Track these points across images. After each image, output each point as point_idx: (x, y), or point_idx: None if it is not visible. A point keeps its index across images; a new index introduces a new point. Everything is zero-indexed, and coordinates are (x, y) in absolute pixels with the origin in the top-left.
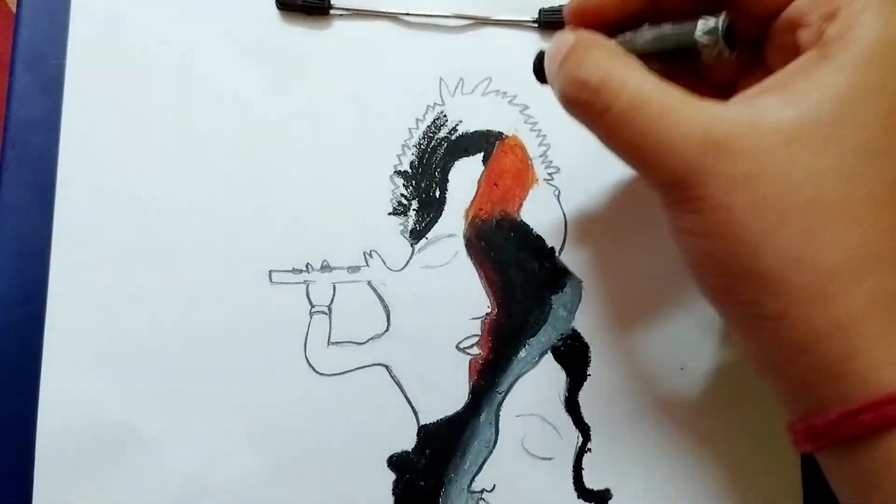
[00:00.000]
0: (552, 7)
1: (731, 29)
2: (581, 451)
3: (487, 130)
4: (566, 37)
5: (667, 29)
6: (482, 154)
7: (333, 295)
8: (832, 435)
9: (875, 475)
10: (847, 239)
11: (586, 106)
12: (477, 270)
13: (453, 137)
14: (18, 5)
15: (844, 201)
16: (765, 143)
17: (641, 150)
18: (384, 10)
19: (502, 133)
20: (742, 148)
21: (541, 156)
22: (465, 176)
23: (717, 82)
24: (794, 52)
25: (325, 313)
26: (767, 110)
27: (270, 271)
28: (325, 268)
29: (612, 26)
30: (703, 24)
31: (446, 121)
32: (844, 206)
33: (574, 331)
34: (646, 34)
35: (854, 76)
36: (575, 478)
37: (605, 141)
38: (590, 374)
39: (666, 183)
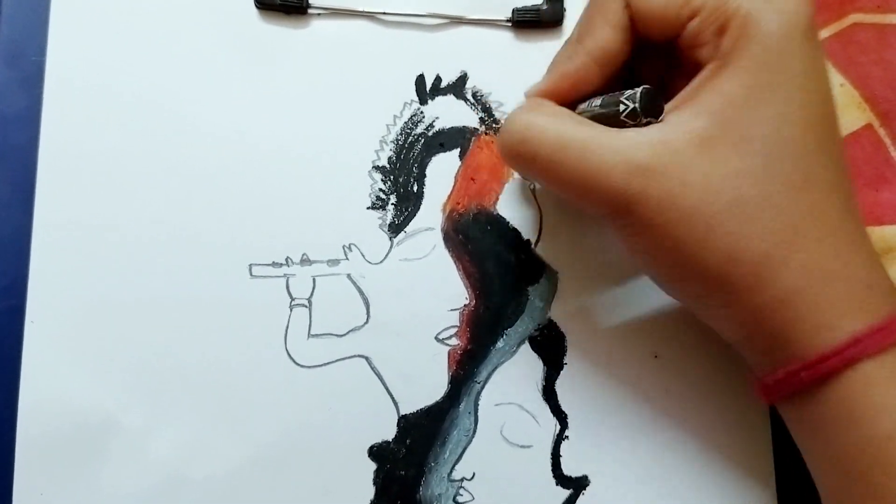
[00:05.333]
0: (525, 7)
1: (652, 98)
2: (559, 439)
3: (463, 126)
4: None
5: (599, 104)
6: (459, 149)
7: (313, 288)
8: (782, 391)
9: (817, 423)
10: (771, 227)
11: (517, 156)
12: (455, 263)
13: (430, 133)
14: None
15: (763, 194)
16: (681, 158)
17: (574, 187)
18: (361, 9)
19: (478, 129)
20: (663, 165)
21: None
22: (443, 171)
23: None
24: (700, 67)
25: (305, 306)
26: (680, 125)
27: (250, 265)
28: (305, 261)
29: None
30: (622, 107)
31: (423, 117)
32: (763, 198)
33: (550, 321)
34: (586, 111)
35: (748, 78)
36: (553, 465)
37: (545, 185)
38: (566, 363)
39: (605, 214)
